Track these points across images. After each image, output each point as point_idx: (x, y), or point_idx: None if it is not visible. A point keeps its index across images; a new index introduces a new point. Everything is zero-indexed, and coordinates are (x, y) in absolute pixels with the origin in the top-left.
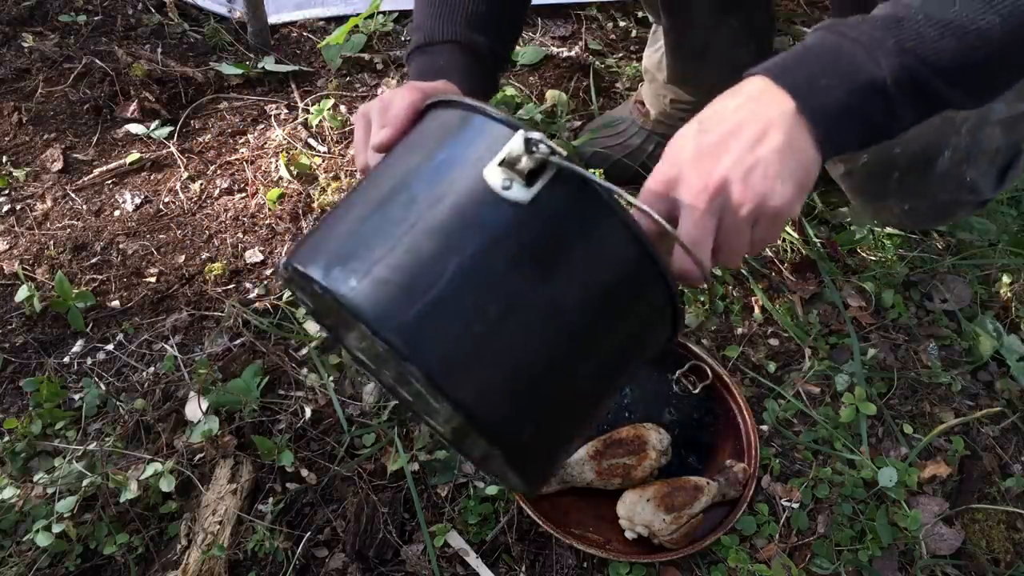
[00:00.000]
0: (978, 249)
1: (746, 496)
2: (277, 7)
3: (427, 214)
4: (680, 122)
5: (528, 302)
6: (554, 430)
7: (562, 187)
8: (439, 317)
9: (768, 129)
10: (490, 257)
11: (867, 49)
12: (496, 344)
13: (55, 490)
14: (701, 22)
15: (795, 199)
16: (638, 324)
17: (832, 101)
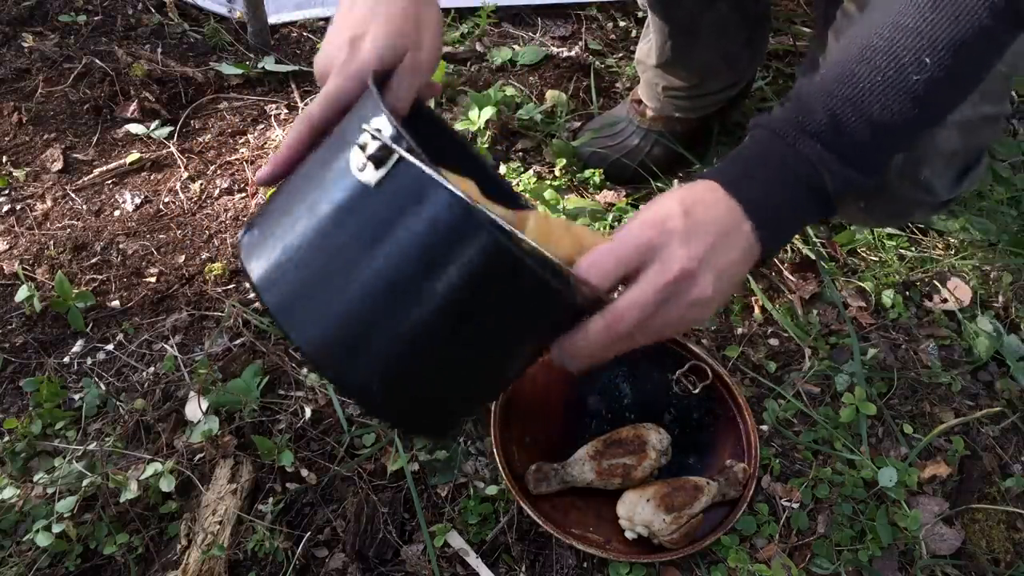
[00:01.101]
0: (978, 249)
1: (746, 496)
2: (277, 7)
3: (304, 190)
4: (675, 112)
5: (362, 265)
6: (404, 376)
7: (407, 172)
8: (285, 263)
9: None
10: (335, 226)
11: (814, 165)
12: (328, 292)
13: (55, 490)
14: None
15: (716, 307)
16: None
17: (783, 218)
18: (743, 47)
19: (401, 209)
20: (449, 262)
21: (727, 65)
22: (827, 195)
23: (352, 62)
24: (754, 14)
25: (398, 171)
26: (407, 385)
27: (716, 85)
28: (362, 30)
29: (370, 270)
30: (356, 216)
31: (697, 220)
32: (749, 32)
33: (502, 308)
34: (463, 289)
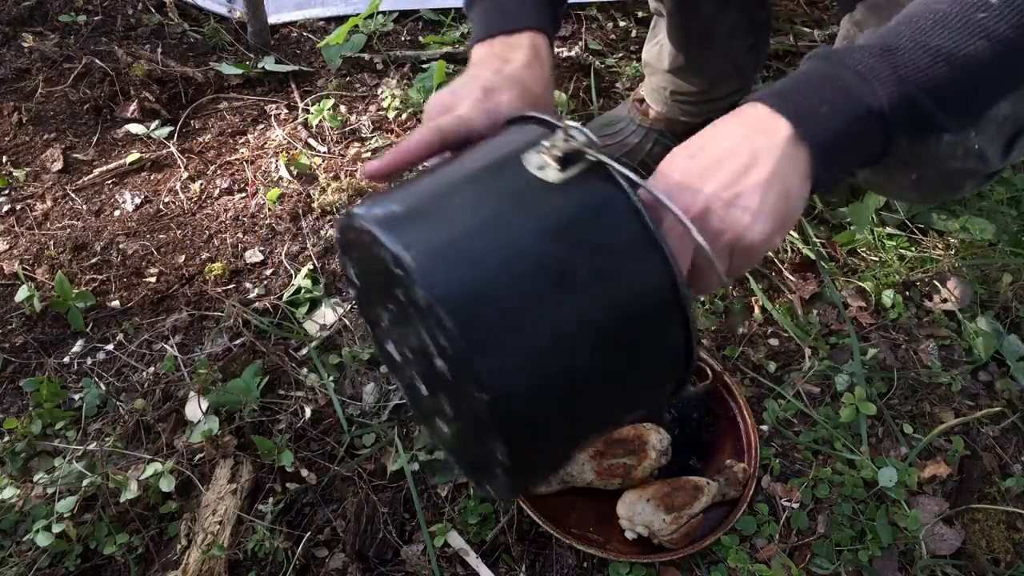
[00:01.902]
0: (978, 249)
1: (746, 496)
2: (277, 7)
3: (468, 181)
4: (681, 116)
5: (538, 258)
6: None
7: (590, 176)
8: (459, 254)
9: (757, 158)
10: (513, 216)
11: (864, 79)
12: (501, 284)
13: (55, 490)
14: (707, 4)
15: (773, 235)
16: (642, 320)
17: (830, 130)
18: (747, 53)
19: (583, 209)
20: (623, 265)
21: (736, 71)
22: (881, 112)
23: (487, 102)
24: (759, 20)
25: (585, 175)
26: (543, 395)
27: (724, 90)
28: (498, 87)
29: (539, 258)
30: (532, 207)
31: (701, 158)
32: (754, 38)
33: (653, 329)
34: (624, 298)
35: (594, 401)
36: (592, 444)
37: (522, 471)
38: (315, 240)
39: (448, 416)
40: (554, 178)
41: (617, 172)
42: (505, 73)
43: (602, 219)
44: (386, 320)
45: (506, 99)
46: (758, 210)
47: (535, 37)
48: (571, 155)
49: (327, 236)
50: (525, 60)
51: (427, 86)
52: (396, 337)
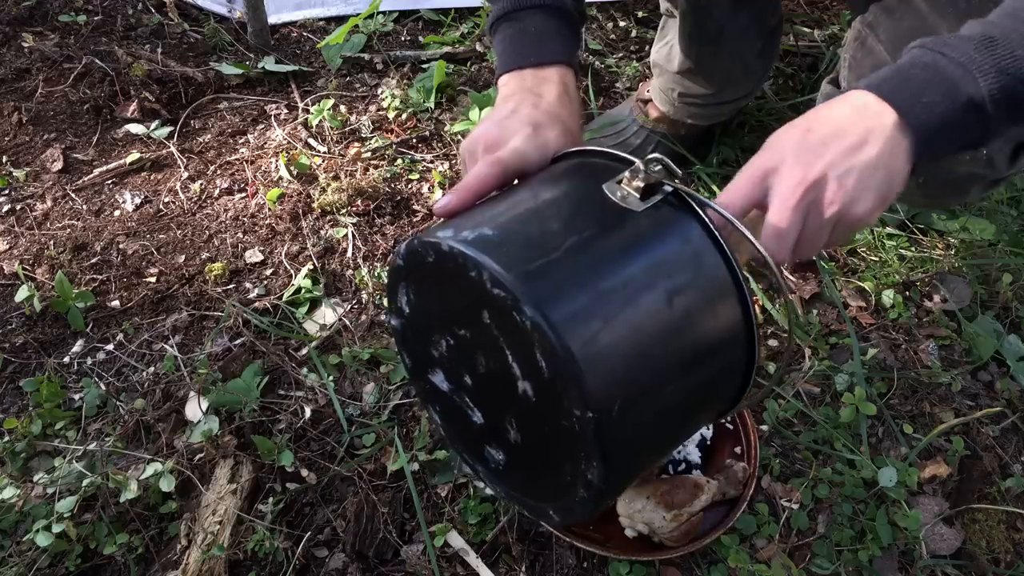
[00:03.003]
0: (978, 249)
1: (746, 495)
2: (277, 7)
3: (552, 208)
4: (687, 118)
5: (633, 281)
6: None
7: (671, 205)
8: (559, 274)
9: (868, 138)
10: (602, 240)
11: (966, 69)
12: (604, 307)
13: (55, 490)
14: (720, 7)
15: (876, 210)
16: (714, 340)
17: (934, 118)
18: (757, 58)
19: (667, 235)
20: (703, 296)
21: (745, 75)
22: (982, 102)
23: (537, 138)
24: (770, 25)
25: (665, 203)
26: (643, 415)
27: (732, 95)
28: (544, 123)
29: (634, 282)
30: (623, 235)
31: (817, 132)
32: (764, 42)
33: (725, 352)
34: (706, 323)
35: (677, 420)
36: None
37: (611, 489)
38: (315, 240)
39: (512, 443)
40: (637, 207)
41: (695, 201)
42: (544, 108)
43: (686, 246)
44: (443, 348)
45: (553, 135)
46: (867, 187)
47: (563, 73)
48: (651, 187)
49: (327, 236)
50: (557, 95)
51: (427, 86)
52: (453, 365)
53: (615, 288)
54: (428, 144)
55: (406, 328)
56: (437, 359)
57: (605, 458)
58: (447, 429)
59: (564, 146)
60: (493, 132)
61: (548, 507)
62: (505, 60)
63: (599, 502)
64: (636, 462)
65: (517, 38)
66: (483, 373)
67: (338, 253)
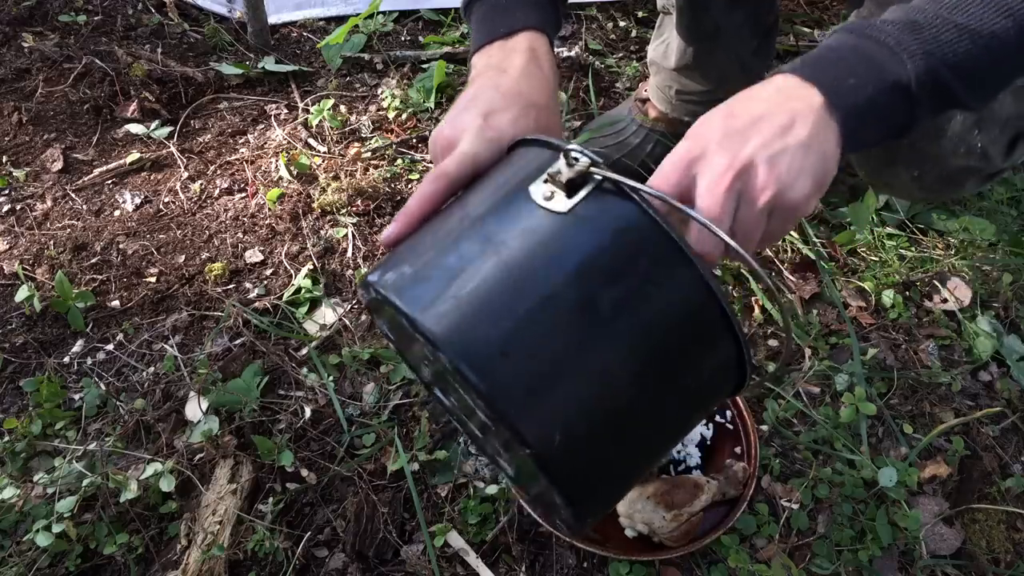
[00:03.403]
0: (978, 249)
1: (746, 495)
2: (277, 7)
3: (476, 225)
4: (685, 116)
5: (558, 301)
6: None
7: (602, 197)
8: (478, 311)
9: (795, 120)
10: (527, 259)
11: (892, 51)
12: (526, 335)
13: (55, 490)
14: (715, 4)
15: (813, 195)
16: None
17: (860, 100)
18: (753, 55)
19: (601, 234)
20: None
21: (742, 72)
22: (908, 85)
23: (488, 129)
24: (767, 22)
25: (595, 197)
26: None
27: (729, 92)
28: (497, 108)
29: (562, 299)
30: (547, 245)
31: (741, 116)
32: (761, 39)
33: (694, 346)
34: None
35: (649, 428)
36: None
37: (583, 508)
38: (315, 240)
39: (505, 458)
40: (563, 207)
41: (628, 188)
42: (504, 88)
43: (622, 243)
44: (427, 372)
45: (507, 119)
46: (800, 168)
47: (533, 38)
48: (577, 179)
49: (327, 236)
50: (522, 65)
51: (427, 86)
52: (441, 387)
53: (536, 312)
54: (428, 144)
55: (400, 352)
56: (430, 379)
57: (561, 487)
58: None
59: (523, 128)
60: (446, 132)
61: (554, 517)
62: (475, 39)
63: (579, 517)
64: (604, 482)
65: (488, 14)
66: (458, 399)
67: (338, 253)
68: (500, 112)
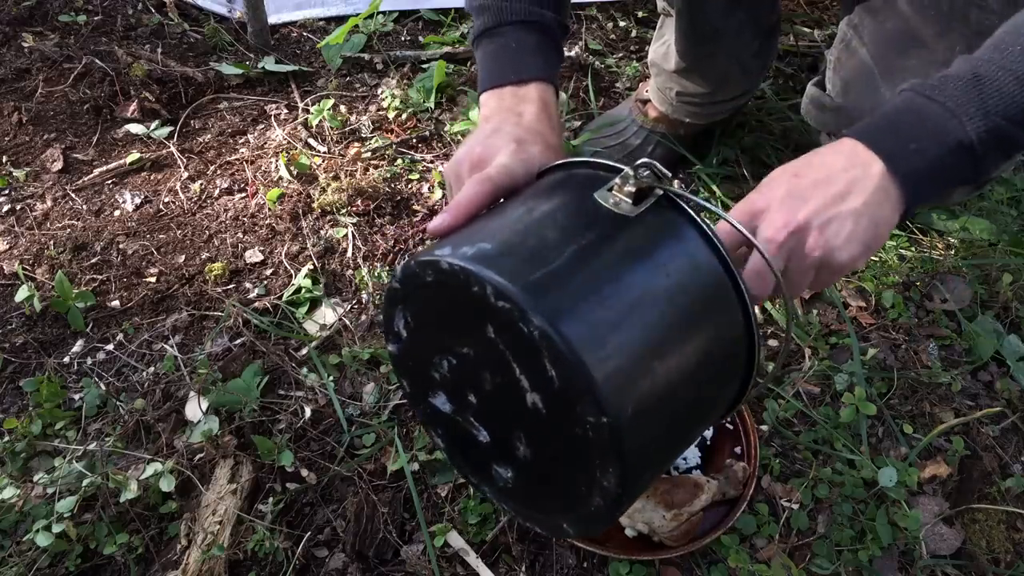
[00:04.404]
0: (978, 249)
1: (746, 495)
2: (277, 7)
3: (548, 219)
4: (686, 117)
5: (631, 290)
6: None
7: (665, 210)
8: (562, 283)
9: (852, 188)
10: (601, 247)
11: (953, 113)
12: (603, 312)
13: (55, 490)
14: (714, 6)
15: (859, 258)
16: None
17: (921, 164)
18: (753, 57)
19: (664, 238)
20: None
21: (742, 74)
22: (970, 145)
23: (522, 153)
24: (767, 24)
25: (657, 206)
26: (655, 419)
27: (729, 93)
28: (528, 140)
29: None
30: (614, 240)
31: (805, 178)
32: (761, 41)
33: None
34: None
35: (687, 420)
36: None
37: (629, 494)
38: (315, 240)
39: (521, 458)
40: (631, 212)
41: (687, 203)
42: (524, 126)
43: (682, 248)
44: (445, 369)
45: (536, 151)
46: (850, 235)
47: (543, 89)
48: (642, 191)
49: (327, 236)
50: (536, 113)
51: (427, 86)
52: (456, 386)
53: (618, 293)
54: (428, 144)
55: (404, 353)
56: (438, 381)
57: (623, 463)
58: (451, 452)
59: (548, 161)
60: (477, 151)
61: (561, 520)
62: (486, 78)
63: (617, 509)
64: (651, 465)
65: (498, 54)
66: (488, 390)
67: (338, 253)
68: (528, 143)
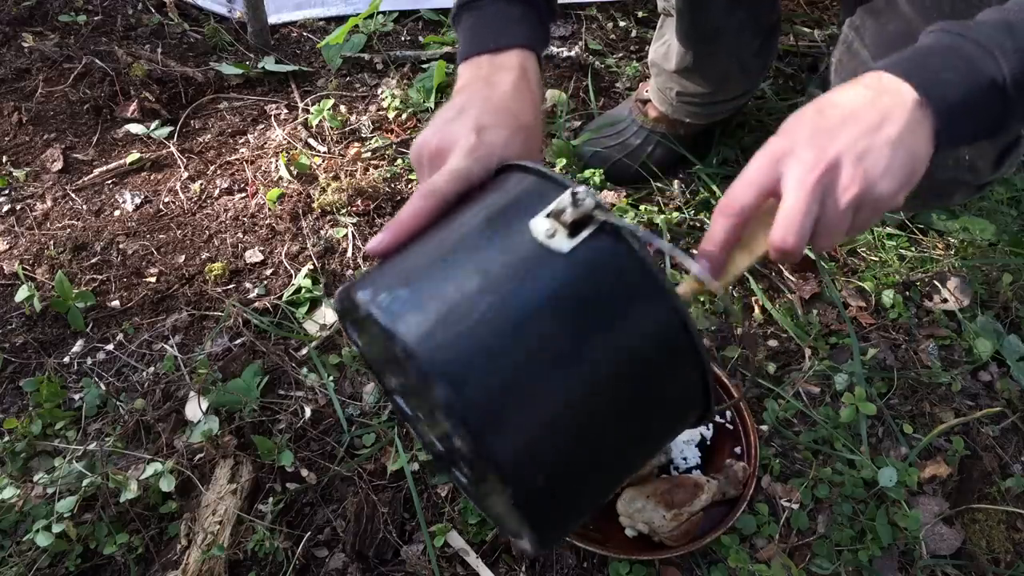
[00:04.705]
0: (978, 249)
1: (746, 495)
2: (277, 7)
3: (474, 255)
4: (686, 117)
5: (554, 344)
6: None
7: (605, 241)
8: (463, 341)
9: (886, 118)
10: (523, 297)
11: (987, 50)
12: (514, 376)
13: (55, 490)
14: (715, 5)
15: (900, 191)
16: (664, 387)
17: (955, 95)
18: (754, 57)
19: (598, 277)
20: (640, 332)
21: (743, 73)
22: (1003, 85)
23: (480, 147)
24: (768, 23)
25: (595, 239)
26: (569, 471)
27: (730, 93)
28: (489, 124)
29: (555, 335)
30: (543, 282)
31: (831, 113)
32: (761, 41)
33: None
34: (643, 363)
35: (616, 459)
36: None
37: (549, 535)
38: (315, 240)
39: (468, 477)
40: (565, 247)
41: (627, 233)
42: (494, 103)
43: (617, 286)
44: (395, 384)
45: (500, 139)
46: (888, 166)
47: (523, 56)
48: (581, 221)
49: (327, 236)
50: (512, 82)
51: (427, 86)
52: (407, 399)
53: (535, 356)
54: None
55: (364, 357)
56: (394, 387)
57: (533, 527)
58: (424, 446)
59: (513, 150)
60: (433, 142)
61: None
62: (463, 49)
63: (543, 542)
64: (575, 508)
65: (478, 25)
66: (426, 416)
67: (338, 253)
68: (491, 129)
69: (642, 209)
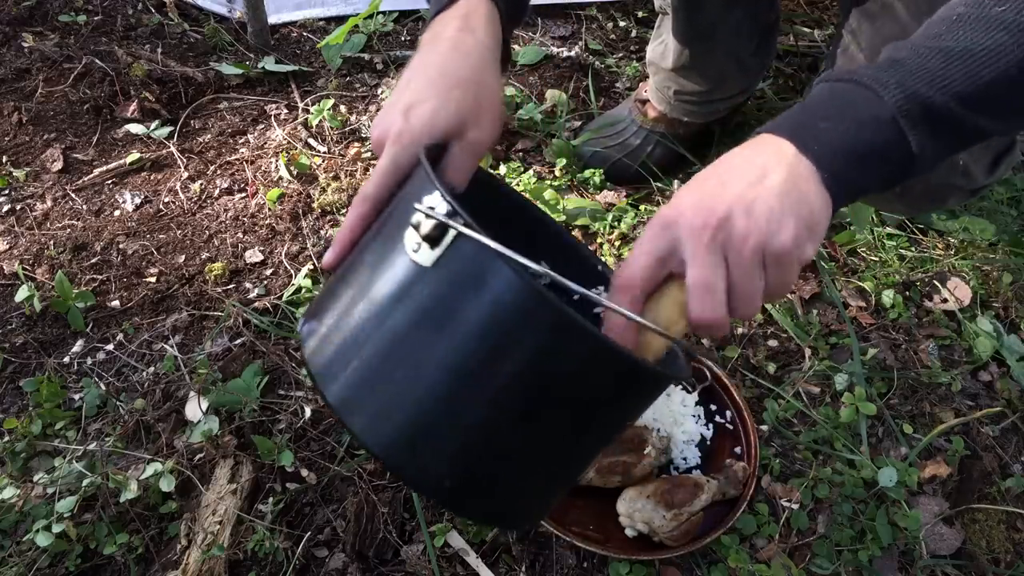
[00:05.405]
0: (978, 249)
1: (746, 495)
2: (277, 7)
3: (364, 281)
4: (684, 116)
5: (423, 354)
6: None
7: (465, 249)
8: (345, 355)
9: (768, 170)
10: (393, 311)
11: (868, 88)
12: (390, 385)
13: (55, 490)
14: (712, 4)
15: (802, 238)
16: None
17: (835, 140)
18: (751, 55)
19: (460, 290)
20: (515, 341)
21: (740, 71)
22: (892, 118)
23: (406, 132)
24: (766, 22)
25: (454, 250)
26: (482, 478)
27: (727, 91)
28: (418, 99)
29: (432, 358)
30: (413, 301)
31: (716, 178)
32: (759, 39)
33: (575, 385)
34: (532, 369)
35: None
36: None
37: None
38: (315, 240)
39: None
40: (427, 260)
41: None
42: (429, 69)
43: (480, 295)
44: None
45: (427, 113)
46: (780, 214)
47: (469, 3)
48: (439, 232)
49: (327, 236)
50: (452, 35)
51: None
52: None
53: (411, 373)
54: None
55: None
56: None
57: (471, 518)
58: None
59: (443, 120)
60: (375, 134)
61: None
62: (428, 18)
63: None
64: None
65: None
66: None
67: None
68: (418, 106)
69: (642, 209)
